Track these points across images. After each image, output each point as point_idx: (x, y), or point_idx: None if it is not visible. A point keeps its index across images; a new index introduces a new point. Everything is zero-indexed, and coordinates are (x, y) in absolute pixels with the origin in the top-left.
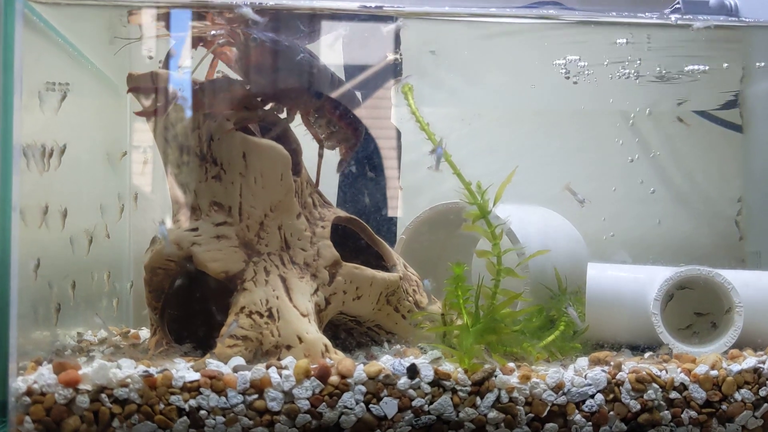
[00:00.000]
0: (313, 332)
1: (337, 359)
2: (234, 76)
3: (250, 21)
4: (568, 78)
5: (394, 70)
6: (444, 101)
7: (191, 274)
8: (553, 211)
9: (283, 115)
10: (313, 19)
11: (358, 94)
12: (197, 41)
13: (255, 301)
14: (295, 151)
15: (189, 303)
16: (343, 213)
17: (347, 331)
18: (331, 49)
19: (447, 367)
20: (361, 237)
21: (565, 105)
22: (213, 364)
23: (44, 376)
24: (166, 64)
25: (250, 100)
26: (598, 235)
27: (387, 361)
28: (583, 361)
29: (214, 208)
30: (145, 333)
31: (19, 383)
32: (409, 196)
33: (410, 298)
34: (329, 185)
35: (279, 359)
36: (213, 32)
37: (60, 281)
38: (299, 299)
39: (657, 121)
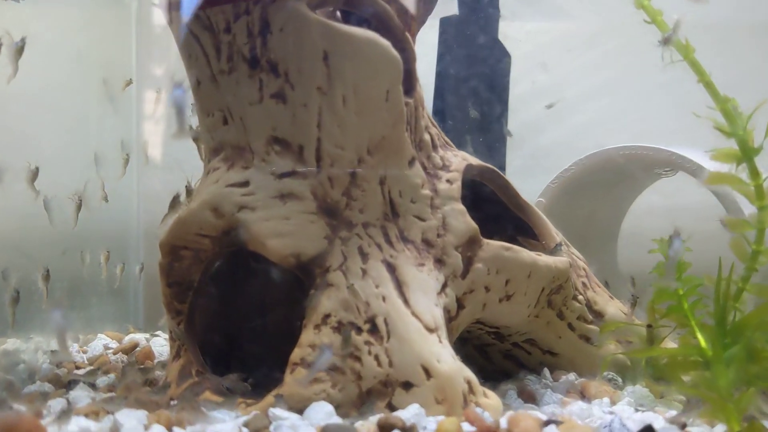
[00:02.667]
0: (447, 360)
1: (489, 406)
2: None
3: None
4: None
5: None
6: (548, 14)
7: (238, 259)
8: None
9: None
10: None
11: None
12: None
13: (347, 305)
14: (405, 53)
15: (234, 306)
16: (474, 159)
17: (479, 349)
18: None
19: (697, 430)
20: (498, 198)
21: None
22: (283, 420)
23: None
24: None
25: None
26: None
27: (583, 414)
28: None
29: (274, 149)
30: (160, 343)
31: None
32: (512, 145)
33: (580, 297)
34: None
35: (391, 406)
36: None
37: (25, 268)
38: (420, 302)
39: None
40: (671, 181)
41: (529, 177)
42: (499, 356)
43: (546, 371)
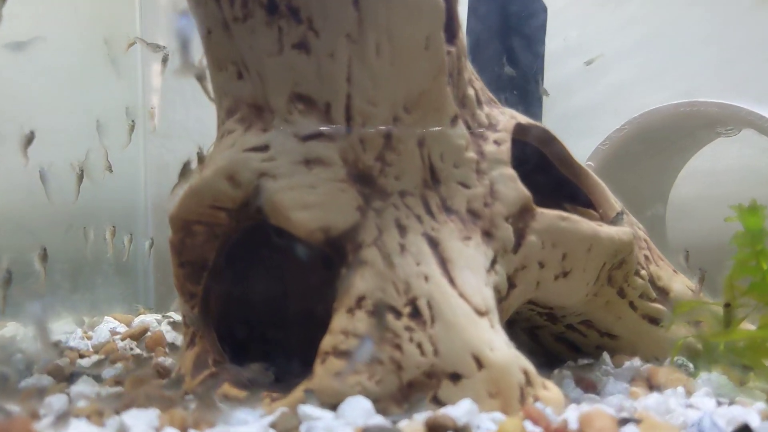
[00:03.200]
0: (501, 348)
1: (550, 400)
2: None
3: None
4: None
5: None
6: None
7: (258, 235)
8: None
9: None
10: None
11: None
12: None
13: (384, 286)
14: None
15: (254, 288)
16: (522, 117)
17: (528, 332)
18: None
19: None
20: (549, 162)
21: None
22: (315, 420)
23: None
24: None
25: None
26: None
27: (660, 409)
28: None
29: (297, 107)
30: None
31: None
32: (549, 103)
33: (643, 272)
34: None
35: (436, 400)
36: None
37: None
38: (468, 281)
39: None
40: (715, 144)
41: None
42: (551, 339)
43: (606, 356)
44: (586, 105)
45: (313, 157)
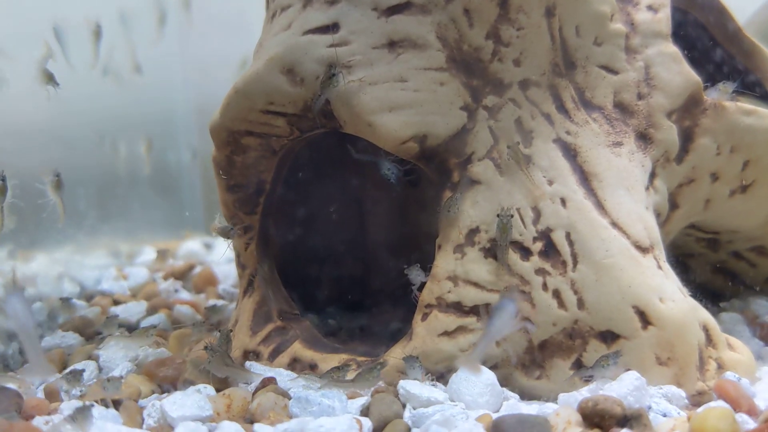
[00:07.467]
0: (675, 297)
1: (739, 364)
2: None
3: None
4: None
5: None
6: None
7: (328, 147)
8: None
9: None
10: None
11: None
12: None
13: (504, 212)
14: None
15: (325, 216)
16: None
17: (677, 260)
18: None
19: None
20: (707, 31)
21: None
22: (428, 408)
23: None
24: None
25: None
26: None
27: None
28: None
29: None
30: (228, 256)
31: None
32: None
33: None
34: None
35: (580, 362)
36: None
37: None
38: (623, 204)
39: None
40: None
41: None
42: (707, 270)
43: None
44: None
45: (400, 37)
